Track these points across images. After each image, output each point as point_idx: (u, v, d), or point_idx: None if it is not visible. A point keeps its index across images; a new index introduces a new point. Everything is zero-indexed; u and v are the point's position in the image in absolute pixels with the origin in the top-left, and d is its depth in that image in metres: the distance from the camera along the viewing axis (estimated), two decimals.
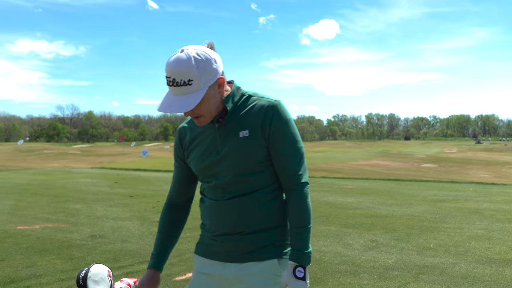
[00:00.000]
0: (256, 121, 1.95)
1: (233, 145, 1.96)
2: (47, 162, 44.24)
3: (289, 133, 1.97)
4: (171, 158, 49.67)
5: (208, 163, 2.01)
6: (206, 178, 2.06)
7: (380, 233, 7.68)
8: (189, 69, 1.81)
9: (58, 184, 17.69)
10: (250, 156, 1.95)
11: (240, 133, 1.95)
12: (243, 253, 1.99)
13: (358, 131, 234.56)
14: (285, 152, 1.97)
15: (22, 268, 5.55)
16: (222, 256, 2.03)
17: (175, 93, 1.86)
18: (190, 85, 1.83)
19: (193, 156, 2.07)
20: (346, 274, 5.31)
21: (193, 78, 1.82)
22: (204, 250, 2.10)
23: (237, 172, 1.96)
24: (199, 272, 2.10)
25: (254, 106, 1.98)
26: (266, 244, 1.99)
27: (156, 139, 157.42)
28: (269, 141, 1.96)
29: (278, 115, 1.95)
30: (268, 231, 1.99)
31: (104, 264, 1.98)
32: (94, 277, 1.88)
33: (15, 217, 9.34)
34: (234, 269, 2.00)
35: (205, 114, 1.92)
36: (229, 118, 1.98)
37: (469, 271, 5.43)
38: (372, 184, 19.03)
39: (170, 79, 1.84)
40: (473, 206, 11.08)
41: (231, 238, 2.00)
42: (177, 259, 5.94)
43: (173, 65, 1.83)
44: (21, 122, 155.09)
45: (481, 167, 40.42)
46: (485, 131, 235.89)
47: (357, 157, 51.26)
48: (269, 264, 1.97)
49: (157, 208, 10.58)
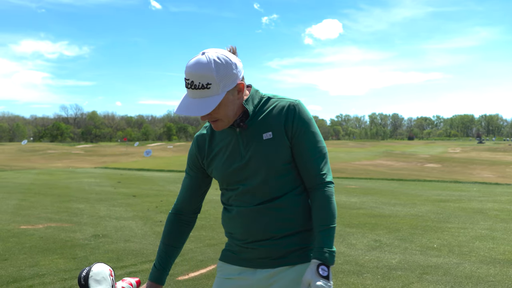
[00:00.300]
0: (278, 122, 1.93)
1: (257, 148, 1.93)
2: (50, 162, 44.34)
3: (311, 132, 1.96)
4: (174, 158, 49.67)
5: (233, 169, 1.97)
6: (231, 185, 2.02)
7: (384, 233, 7.66)
8: (208, 73, 1.79)
9: (61, 183, 17.72)
10: (276, 158, 1.92)
11: (264, 135, 1.93)
12: (275, 258, 1.96)
13: (362, 131, 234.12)
14: (308, 151, 1.95)
15: (25, 268, 5.55)
16: (253, 263, 2.00)
17: (193, 96, 1.84)
18: (208, 89, 1.80)
19: (216, 164, 2.03)
20: (349, 274, 5.29)
21: (212, 82, 1.80)
22: (233, 257, 2.07)
23: (264, 176, 1.93)
24: (226, 278, 2.06)
25: (275, 108, 1.96)
26: (298, 248, 1.96)
27: (160, 139, 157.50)
28: (292, 141, 1.94)
29: (299, 115, 1.94)
30: (299, 234, 1.97)
31: (106, 264, 1.97)
32: (96, 276, 1.87)
33: (19, 216, 9.36)
34: (265, 274, 1.97)
35: (223, 119, 1.90)
36: (250, 122, 1.96)
37: (473, 271, 5.40)
38: (375, 184, 18.99)
39: (189, 82, 1.82)
40: (477, 206, 11.04)
41: (262, 244, 1.96)
42: (180, 259, 5.93)
43: (192, 67, 1.80)
44: (25, 122, 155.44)
45: (485, 167, 40.29)
46: (489, 131, 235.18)
47: (361, 157, 51.19)
48: (302, 268, 1.93)
49: (160, 208, 10.58)
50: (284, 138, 1.92)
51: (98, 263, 1.93)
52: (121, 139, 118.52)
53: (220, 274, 2.10)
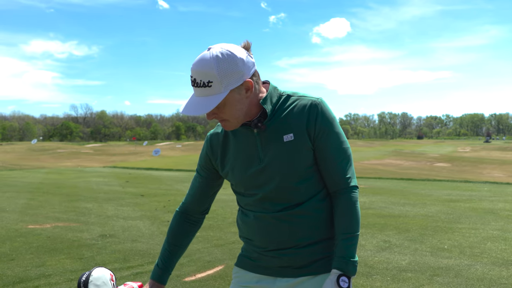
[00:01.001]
0: (299, 123, 1.80)
1: (277, 151, 1.81)
2: (60, 161, 44.56)
3: (334, 132, 1.83)
4: (183, 157, 49.79)
5: (251, 173, 1.85)
6: (249, 190, 1.89)
7: (393, 234, 7.56)
8: (209, 70, 1.70)
9: (70, 183, 17.76)
10: (298, 162, 1.80)
11: (284, 137, 1.81)
12: (297, 267, 1.85)
13: (371, 130, 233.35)
14: (332, 153, 1.82)
15: (32, 268, 5.53)
16: (273, 271, 1.89)
17: (197, 94, 1.76)
18: (209, 87, 1.71)
19: (231, 167, 1.92)
20: (358, 276, 5.21)
21: (213, 79, 1.70)
22: (250, 264, 1.95)
23: (285, 181, 1.81)
24: (242, 286, 1.97)
25: (296, 107, 1.83)
26: (322, 257, 1.85)
27: (168, 138, 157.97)
28: (315, 143, 1.81)
29: (322, 114, 1.81)
30: (323, 242, 1.86)
31: (106, 267, 1.91)
32: (96, 281, 1.81)
33: (27, 216, 9.36)
34: (286, 284, 1.86)
35: (230, 119, 1.79)
36: (269, 122, 1.83)
37: (485, 273, 5.30)
38: (384, 183, 18.86)
39: (192, 79, 1.74)
40: (488, 206, 10.90)
41: (285, 253, 1.85)
42: (187, 260, 5.88)
43: (196, 64, 1.73)
44: (35, 122, 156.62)
45: (495, 167, 39.95)
46: (499, 130, 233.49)
47: (370, 156, 50.96)
48: (324, 278, 1.82)
49: (168, 208, 10.55)
50: (306, 140, 1.80)
51: (98, 267, 1.87)
52: (130, 139, 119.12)
53: (237, 281, 1.99)
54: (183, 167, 31.82)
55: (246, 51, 1.78)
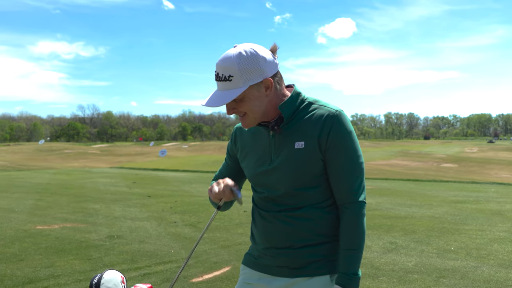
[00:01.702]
0: (313, 132, 1.84)
1: (286, 156, 1.87)
2: (67, 162, 44.78)
3: (347, 146, 1.85)
4: (189, 158, 49.86)
5: (261, 172, 1.94)
6: (257, 187, 1.99)
7: (400, 235, 7.56)
8: (230, 65, 1.79)
9: (77, 183, 17.86)
10: (304, 169, 1.85)
11: (296, 144, 1.85)
12: (293, 268, 1.90)
13: (377, 130, 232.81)
14: (343, 167, 1.85)
15: (41, 268, 5.58)
16: (271, 270, 1.95)
17: (219, 88, 1.85)
18: (230, 81, 1.80)
19: (246, 162, 2.02)
20: (364, 277, 5.22)
21: (234, 74, 1.79)
22: (253, 262, 2.03)
23: (289, 186, 1.87)
24: (246, 283, 2.03)
25: (313, 115, 1.87)
26: (317, 259, 1.89)
27: (175, 138, 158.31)
28: (326, 154, 1.84)
29: (337, 127, 1.83)
30: (320, 245, 1.90)
31: (117, 270, 1.95)
32: (107, 283, 1.85)
33: (35, 216, 9.44)
34: (283, 283, 1.92)
35: (249, 114, 1.86)
36: (285, 126, 1.89)
37: (491, 275, 5.30)
38: (391, 184, 18.83)
39: (216, 73, 1.84)
40: (495, 208, 10.86)
41: (280, 253, 1.92)
42: (195, 261, 5.91)
43: (220, 60, 1.83)
44: (42, 122, 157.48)
45: (503, 167, 39.74)
46: (506, 130, 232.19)
47: (376, 157, 50.84)
48: (320, 280, 1.88)
49: (175, 209, 10.60)
50: (316, 150, 1.83)
51: (109, 270, 1.91)
52: (136, 139, 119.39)
53: (242, 278, 2.07)
54: (190, 167, 31.90)
55: (271, 53, 1.86)
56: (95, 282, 1.84)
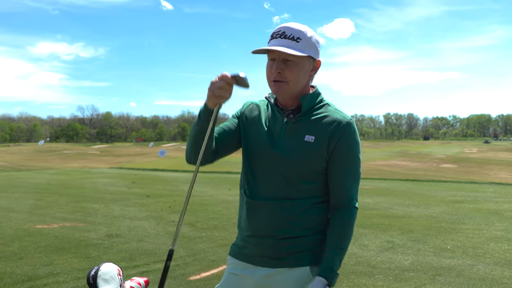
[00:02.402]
0: (325, 131, 1.91)
1: (294, 145, 1.91)
2: (67, 162, 44.83)
3: (352, 155, 1.94)
4: None
5: (263, 151, 1.96)
6: (251, 166, 2.00)
7: (397, 234, 7.61)
8: (302, 30, 1.89)
9: (76, 184, 17.90)
10: (307, 162, 1.90)
11: (306, 136, 1.91)
12: (275, 258, 1.94)
13: (376, 131, 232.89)
14: (344, 171, 1.93)
15: (40, 267, 5.62)
16: (254, 260, 1.99)
17: (278, 44, 1.87)
18: (297, 42, 1.87)
19: (248, 136, 2.02)
20: (361, 275, 5.27)
21: (303, 38, 1.88)
22: (238, 252, 2.07)
23: (287, 173, 1.91)
24: (230, 273, 2.07)
25: (328, 116, 1.94)
26: (299, 251, 1.93)
27: (174, 139, 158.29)
28: (331, 156, 1.91)
29: (348, 134, 1.92)
30: (303, 238, 1.94)
31: (114, 263, 1.99)
32: (104, 275, 1.89)
33: (35, 216, 9.47)
34: (264, 273, 1.96)
35: (291, 81, 1.90)
36: (300, 118, 1.95)
37: (487, 273, 5.35)
38: (389, 184, 18.88)
39: (280, 32, 1.89)
40: (493, 207, 10.92)
41: (263, 242, 1.95)
42: (192, 259, 5.96)
43: (290, 23, 1.91)
44: (42, 123, 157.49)
45: (502, 168, 39.82)
46: (506, 131, 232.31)
47: (375, 157, 50.91)
48: (300, 271, 1.92)
49: (173, 208, 10.64)
50: (324, 148, 1.90)
51: (106, 263, 1.96)
52: (136, 140, 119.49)
53: (228, 269, 2.11)
54: (189, 168, 31.87)
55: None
56: (92, 274, 1.88)
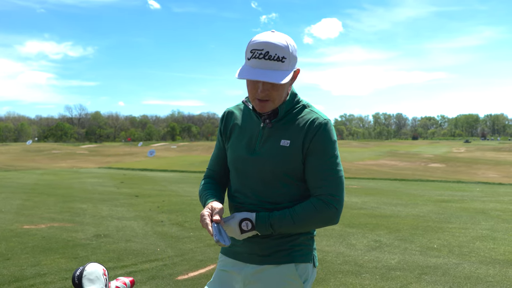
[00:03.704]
0: (299, 134, 1.90)
1: (270, 150, 1.92)
2: (55, 162, 44.50)
3: (328, 153, 1.90)
4: (178, 158, 49.67)
5: (242, 158, 1.97)
6: (234, 171, 2.03)
7: (384, 233, 7.67)
8: (285, 46, 1.80)
9: (65, 184, 17.79)
10: (283, 167, 1.90)
11: (282, 141, 1.91)
12: (262, 255, 1.97)
13: (365, 130, 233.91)
14: (319, 172, 1.89)
15: (27, 267, 5.59)
16: (243, 257, 2.02)
17: (262, 67, 1.79)
18: (282, 63, 1.79)
19: (230, 144, 2.04)
20: (348, 274, 5.31)
21: (287, 57, 1.80)
22: (228, 250, 2.10)
23: (266, 178, 1.92)
24: (220, 269, 2.11)
25: (303, 119, 1.93)
26: (285, 248, 1.96)
27: (163, 139, 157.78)
28: (306, 158, 1.90)
29: (321, 134, 1.89)
30: (289, 237, 1.97)
31: (100, 263, 2.00)
32: (89, 275, 1.90)
33: (22, 216, 9.41)
34: (252, 270, 1.99)
35: (275, 99, 1.88)
36: (276, 122, 1.94)
37: (472, 272, 5.41)
38: (378, 184, 18.99)
39: (262, 52, 1.78)
40: (479, 206, 11.03)
41: (251, 240, 1.98)
42: (180, 259, 5.96)
43: (270, 38, 1.79)
44: (30, 122, 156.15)
45: (490, 167, 40.18)
46: (494, 131, 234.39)
47: (364, 157, 51.14)
48: (285, 268, 1.95)
49: (162, 208, 10.62)
50: (299, 151, 1.89)
51: (91, 263, 1.96)
52: (125, 139, 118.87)
53: (219, 266, 2.14)
54: (178, 167, 31.87)
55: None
56: (77, 274, 1.89)
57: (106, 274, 1.96)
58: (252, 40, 1.83)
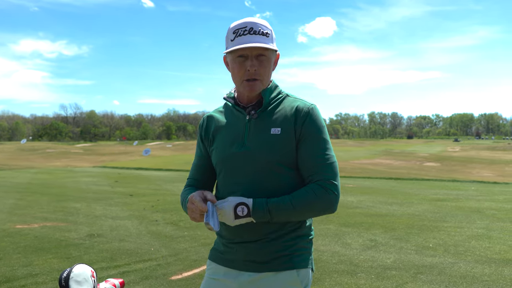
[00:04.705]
0: (289, 121, 1.86)
1: (262, 140, 1.86)
2: (49, 161, 44.30)
3: (320, 138, 1.88)
4: (173, 157, 49.56)
5: (230, 154, 1.90)
6: (223, 171, 1.94)
7: (380, 232, 7.64)
8: (266, 25, 1.89)
9: (59, 183, 17.69)
10: (278, 155, 1.84)
11: (272, 129, 1.87)
12: (260, 262, 1.87)
13: (361, 129, 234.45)
14: (313, 157, 1.85)
15: (19, 267, 5.53)
16: (237, 265, 1.92)
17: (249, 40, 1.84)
18: (267, 37, 1.87)
19: (216, 144, 1.98)
20: (343, 274, 5.27)
21: (270, 32, 1.89)
22: (219, 257, 1.99)
23: (260, 170, 1.85)
24: (210, 278, 2.00)
25: (290, 106, 1.91)
26: (284, 254, 1.86)
27: (159, 138, 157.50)
28: (299, 143, 1.86)
29: (311, 119, 1.87)
30: (289, 240, 1.88)
31: (89, 265, 1.95)
32: (77, 277, 1.84)
33: (15, 216, 9.33)
34: (248, 278, 1.88)
35: (264, 78, 1.90)
36: (262, 113, 1.91)
37: (468, 271, 5.38)
38: (373, 183, 18.98)
39: (246, 28, 1.85)
40: (474, 205, 11.02)
41: (248, 246, 1.88)
42: (174, 258, 5.91)
43: (251, 19, 1.88)
44: (24, 121, 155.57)
45: (484, 166, 40.28)
46: (488, 130, 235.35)
47: (360, 156, 51.18)
48: (286, 275, 1.85)
49: (156, 207, 10.56)
50: (292, 138, 1.85)
51: (79, 264, 1.91)
52: (120, 138, 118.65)
53: (208, 274, 2.04)
54: (173, 167, 31.79)
55: None
56: (64, 276, 1.83)
57: (95, 276, 1.91)
58: (231, 25, 1.90)
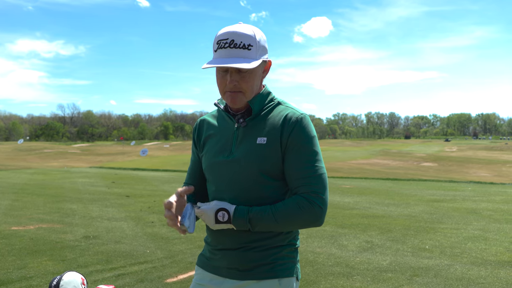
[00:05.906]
0: (276, 131, 1.81)
1: (247, 149, 1.82)
2: (47, 162, 44.20)
3: (308, 148, 1.80)
4: (171, 157, 49.55)
5: (218, 161, 1.88)
6: (211, 178, 1.92)
7: (376, 234, 7.62)
8: (250, 34, 1.77)
9: (55, 184, 17.63)
10: (263, 165, 1.80)
11: (258, 139, 1.82)
12: (242, 270, 1.85)
13: (358, 129, 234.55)
14: (299, 169, 1.78)
15: (13, 270, 5.49)
16: (222, 271, 1.91)
17: (228, 55, 1.76)
18: (249, 50, 1.76)
19: (205, 150, 1.96)
20: (339, 276, 5.25)
21: (253, 44, 1.77)
22: (205, 263, 1.99)
23: (244, 179, 1.82)
24: (198, 283, 1.99)
25: (279, 115, 1.85)
26: (267, 263, 1.84)
27: (156, 138, 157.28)
28: (285, 155, 1.81)
29: (299, 129, 1.80)
30: (270, 250, 1.85)
31: (77, 272, 1.93)
32: (67, 285, 1.82)
33: (10, 217, 9.29)
34: (232, 285, 1.87)
35: (247, 91, 1.81)
36: (251, 121, 1.87)
37: (464, 273, 5.37)
38: (370, 183, 18.97)
39: (227, 41, 1.76)
40: (471, 206, 11.02)
41: (229, 254, 1.87)
42: (169, 261, 5.88)
43: (233, 28, 1.78)
44: (21, 121, 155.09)
45: (481, 166, 40.35)
46: (485, 130, 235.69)
47: (357, 156, 51.18)
48: (267, 284, 1.83)
49: (153, 209, 10.53)
50: (277, 148, 1.80)
51: (69, 272, 1.89)
52: (117, 138, 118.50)
53: (195, 279, 2.04)
54: (170, 167, 31.74)
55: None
56: (54, 284, 1.81)
57: (85, 283, 1.89)
58: (218, 32, 1.82)
